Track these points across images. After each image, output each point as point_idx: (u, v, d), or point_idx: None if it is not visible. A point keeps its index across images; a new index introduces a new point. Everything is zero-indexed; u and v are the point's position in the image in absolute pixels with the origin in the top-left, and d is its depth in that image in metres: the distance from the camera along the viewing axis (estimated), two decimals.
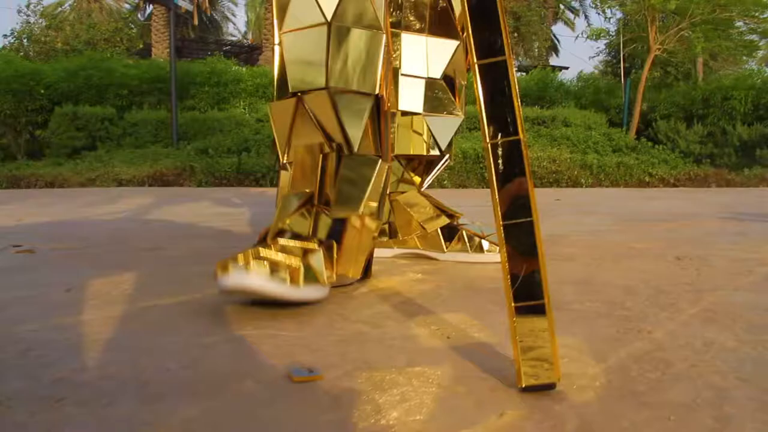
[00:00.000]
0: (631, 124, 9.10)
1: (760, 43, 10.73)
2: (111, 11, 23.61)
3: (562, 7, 19.35)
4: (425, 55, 1.58)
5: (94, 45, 20.71)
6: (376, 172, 1.13)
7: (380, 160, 1.15)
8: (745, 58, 10.74)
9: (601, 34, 9.87)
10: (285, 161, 1.19)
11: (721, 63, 11.57)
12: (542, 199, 3.47)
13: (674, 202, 3.99)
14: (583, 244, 1.97)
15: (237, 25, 42.73)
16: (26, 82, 9.19)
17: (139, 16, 21.40)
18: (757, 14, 9.10)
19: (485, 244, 1.55)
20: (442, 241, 1.56)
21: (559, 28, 30.27)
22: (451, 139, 1.61)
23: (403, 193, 1.59)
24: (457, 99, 1.62)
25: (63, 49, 20.51)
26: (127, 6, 23.89)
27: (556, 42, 21.20)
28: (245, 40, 25.18)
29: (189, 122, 8.83)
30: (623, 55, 10.04)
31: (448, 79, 1.60)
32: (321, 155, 1.14)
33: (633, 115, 9.27)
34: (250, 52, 16.38)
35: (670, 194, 5.14)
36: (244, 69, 10.63)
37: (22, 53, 20.75)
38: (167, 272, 1.47)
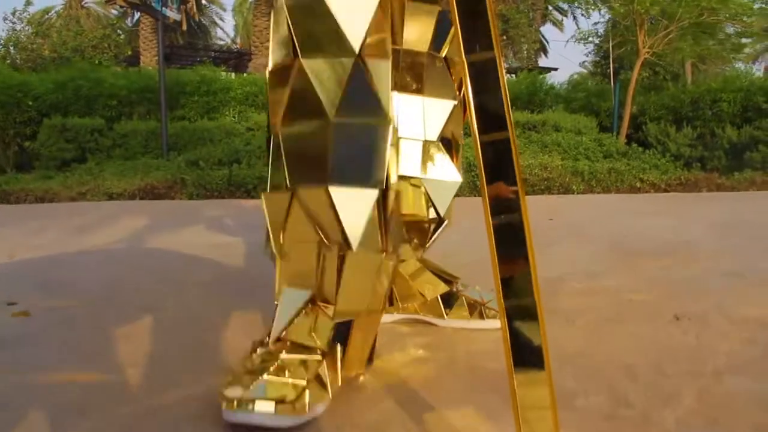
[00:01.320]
0: (621, 128, 9.13)
1: (747, 42, 10.82)
2: (98, 17, 23.47)
3: (550, 8, 19.37)
4: (422, 117, 1.56)
5: (81, 52, 20.60)
6: (380, 270, 1.10)
7: (384, 257, 1.10)
8: (732, 57, 10.78)
9: (589, 37, 9.89)
10: (280, 252, 1.15)
11: (709, 64, 11.63)
12: (535, 216, 3.48)
13: (666, 221, 4.00)
14: (580, 295, 1.97)
15: (225, 29, 42.40)
16: (14, 93, 9.11)
17: (127, 22, 21.28)
18: (744, 18, 9.15)
19: (485, 310, 1.56)
20: (442, 307, 1.56)
21: (547, 29, 30.27)
22: (450, 203, 1.59)
23: (402, 261, 1.58)
24: (455, 160, 1.60)
25: (50, 56, 20.41)
26: (114, 12, 23.74)
27: (545, 43, 21.25)
28: (234, 45, 25.09)
29: (179, 132, 8.79)
30: (612, 58, 10.06)
31: (445, 140, 1.58)
32: (319, 253, 1.09)
33: (623, 118, 9.31)
34: (239, 58, 16.31)
35: (662, 205, 5.17)
36: (233, 76, 10.59)
37: (8, 61, 20.64)
38: (167, 349, 1.46)
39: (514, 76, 12.46)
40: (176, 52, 16.69)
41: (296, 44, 1.07)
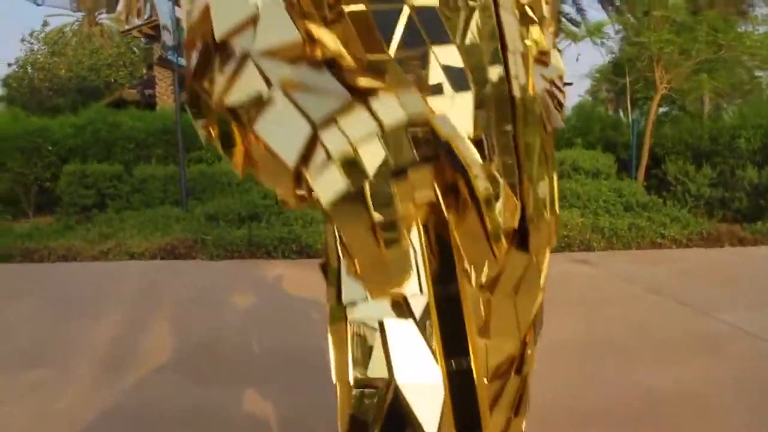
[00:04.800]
0: (639, 168, 9.08)
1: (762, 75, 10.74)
2: (112, 34, 23.58)
3: (564, 20, 19.25)
4: None
5: (97, 71, 20.79)
6: None
7: None
8: (750, 90, 10.71)
9: (603, 71, 9.83)
10: None
11: (728, 98, 11.54)
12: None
13: (687, 317, 3.97)
14: None
15: None
16: (33, 139, 9.23)
17: (142, 39, 21.36)
18: (763, 52, 9.08)
19: None
20: None
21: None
22: None
23: None
24: None
25: (67, 75, 20.59)
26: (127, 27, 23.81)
27: (557, 51, 21.04)
28: None
29: (197, 177, 8.85)
30: (629, 93, 10.00)
31: None
32: None
33: (641, 156, 9.26)
34: None
35: (683, 283, 5.14)
36: None
37: (26, 81, 20.85)
38: None
39: None
40: None
41: None
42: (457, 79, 0.94)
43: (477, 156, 0.87)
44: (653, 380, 2.88)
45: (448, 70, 0.94)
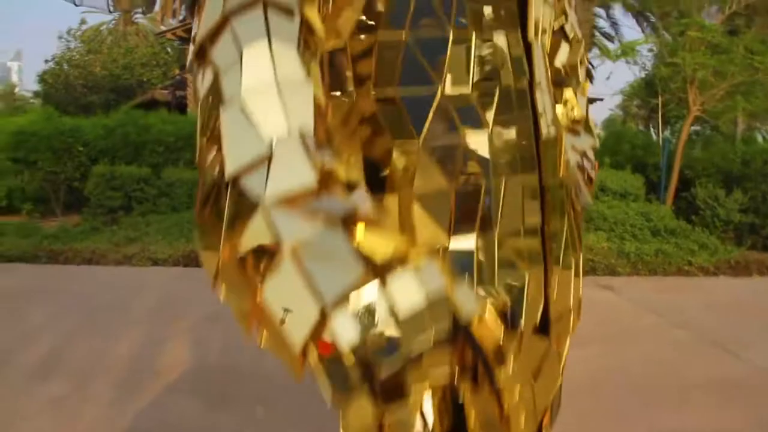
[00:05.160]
0: (668, 190, 8.95)
1: None
2: (147, 34, 23.90)
3: (597, 34, 19.09)
4: None
5: (131, 69, 21.07)
6: None
7: None
8: None
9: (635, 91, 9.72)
10: None
11: (762, 121, 11.34)
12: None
13: (713, 356, 3.89)
14: None
15: None
16: (65, 139, 9.35)
17: (175, 42, 21.57)
18: None
19: None
20: None
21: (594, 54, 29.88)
22: None
23: None
24: None
25: (101, 73, 20.90)
26: (163, 29, 24.12)
27: (590, 67, 20.94)
28: None
29: None
30: (661, 112, 9.87)
31: None
32: None
33: (671, 179, 9.11)
34: None
35: (710, 317, 5.04)
36: None
37: (62, 78, 21.20)
38: None
39: None
40: None
41: None
42: (486, 167, 0.91)
43: (500, 333, 0.78)
44: (675, 426, 2.82)
45: (478, 157, 0.92)
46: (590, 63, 23.92)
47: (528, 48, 1.00)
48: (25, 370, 3.47)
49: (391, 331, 0.65)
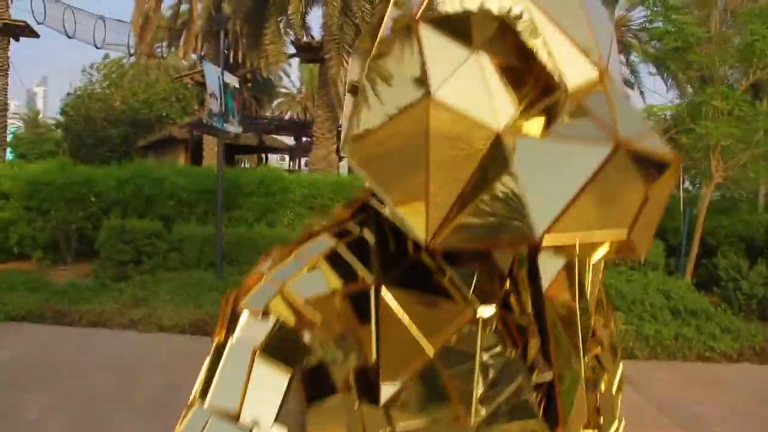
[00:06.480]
0: (689, 259, 8.71)
1: None
2: (168, 68, 24.13)
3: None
4: None
5: (150, 104, 21.25)
6: None
7: None
8: None
9: None
10: None
11: None
12: None
13: None
14: None
15: (291, 78, 40.52)
16: (78, 190, 9.34)
17: (189, 85, 21.78)
18: None
19: None
20: None
21: None
22: None
23: None
24: None
25: (121, 108, 21.09)
26: (184, 63, 24.34)
27: None
28: (295, 115, 25.34)
29: (235, 240, 8.80)
30: (682, 179, 9.66)
31: None
32: None
33: (692, 244, 8.88)
34: (301, 128, 16.44)
35: (733, 420, 4.80)
36: (290, 176, 10.65)
37: (83, 110, 21.40)
38: None
39: None
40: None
41: None
42: None
43: None
44: None
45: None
46: None
47: None
48: None
49: None
